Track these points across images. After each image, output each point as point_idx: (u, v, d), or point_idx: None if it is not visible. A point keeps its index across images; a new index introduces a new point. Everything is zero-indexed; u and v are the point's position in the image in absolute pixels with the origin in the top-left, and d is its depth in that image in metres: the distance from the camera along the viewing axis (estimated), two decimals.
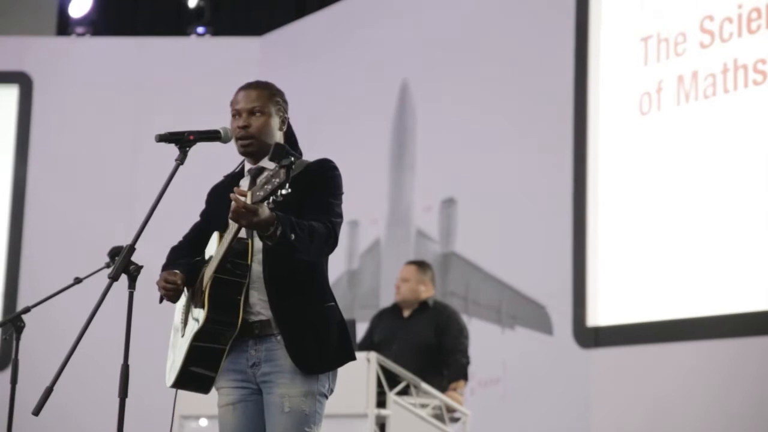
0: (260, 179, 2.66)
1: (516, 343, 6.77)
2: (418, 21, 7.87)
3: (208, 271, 2.90)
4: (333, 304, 3.02)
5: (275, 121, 3.07)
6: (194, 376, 2.94)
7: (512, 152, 6.98)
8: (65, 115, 9.00)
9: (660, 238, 5.94)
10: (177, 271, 2.96)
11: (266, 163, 3.04)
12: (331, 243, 2.93)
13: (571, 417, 6.30)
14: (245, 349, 2.96)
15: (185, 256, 3.07)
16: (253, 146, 3.03)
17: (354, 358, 3.03)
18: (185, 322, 3.00)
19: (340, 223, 2.97)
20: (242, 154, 3.08)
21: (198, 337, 2.88)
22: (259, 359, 2.95)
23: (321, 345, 2.94)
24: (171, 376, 2.99)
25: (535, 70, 6.93)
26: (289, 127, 3.17)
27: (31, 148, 8.91)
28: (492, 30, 7.30)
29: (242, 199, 2.66)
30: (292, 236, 2.77)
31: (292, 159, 2.62)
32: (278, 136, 3.08)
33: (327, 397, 2.99)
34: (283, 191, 2.60)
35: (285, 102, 3.12)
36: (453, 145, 7.41)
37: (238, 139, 3.04)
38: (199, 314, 2.89)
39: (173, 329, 3.10)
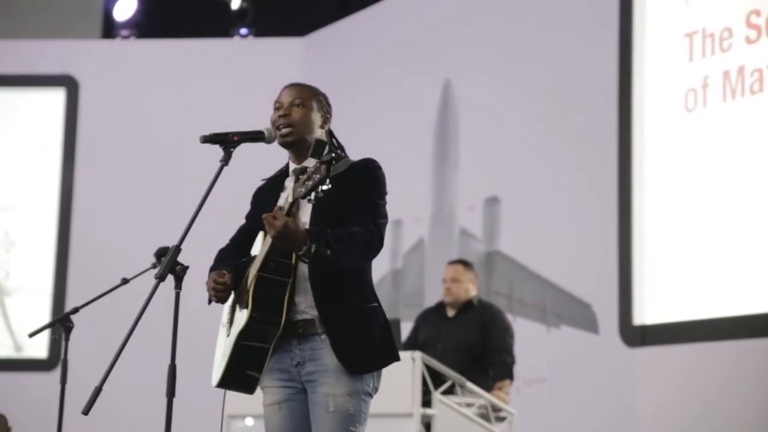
0: (302, 177, 2.69)
1: (561, 342, 6.73)
2: (460, 20, 7.86)
3: (252, 271, 2.91)
4: (377, 304, 3.02)
5: (316, 116, 3.08)
6: (239, 375, 2.95)
7: (556, 150, 6.95)
8: (111, 118, 9.09)
9: (706, 235, 5.88)
10: (225, 272, 2.98)
11: (310, 162, 3.05)
12: (376, 246, 2.93)
13: (618, 416, 6.26)
14: (289, 349, 2.97)
15: (232, 258, 3.09)
16: (292, 135, 3.04)
17: (398, 359, 3.03)
18: (231, 322, 3.01)
19: (384, 224, 2.98)
20: (282, 145, 3.08)
21: (242, 336, 2.88)
22: (304, 358, 2.95)
23: (366, 345, 2.94)
24: (216, 375, 3.00)
25: (578, 67, 6.88)
26: (333, 134, 3.18)
27: (78, 150, 9.00)
28: (535, 28, 7.27)
29: (278, 222, 2.72)
30: (328, 252, 2.79)
31: (333, 155, 2.64)
32: (319, 133, 3.09)
33: (372, 396, 2.98)
34: (324, 187, 2.62)
35: (328, 104, 3.14)
36: (496, 144, 7.38)
37: (278, 129, 3.05)
38: (244, 314, 2.90)
39: (221, 329, 3.13)
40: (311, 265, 2.86)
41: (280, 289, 2.90)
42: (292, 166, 3.11)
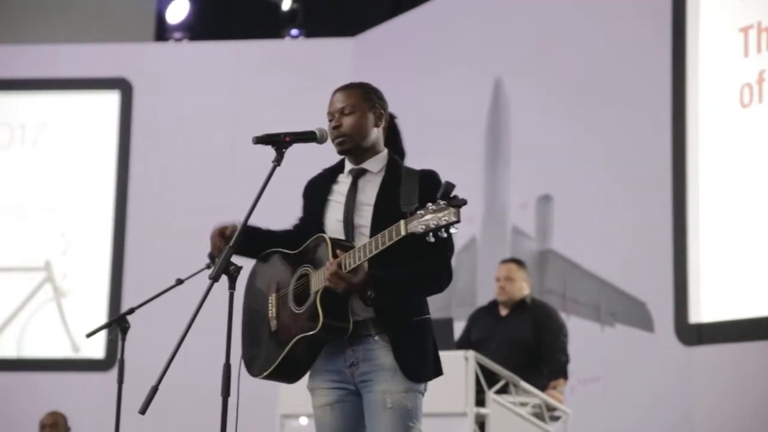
0: (421, 212, 2.71)
1: (616, 341, 6.68)
2: (511, 17, 7.82)
3: (317, 277, 2.93)
4: (429, 316, 3.05)
5: (368, 119, 3.08)
6: (287, 371, 3.02)
7: (609, 146, 6.89)
8: (164, 120, 9.17)
9: (762, 231, 5.80)
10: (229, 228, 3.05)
11: (369, 165, 3.07)
12: (443, 283, 2.97)
13: (674, 416, 6.19)
14: (342, 350, 3.00)
15: (278, 240, 3.15)
16: (346, 144, 3.07)
17: (441, 374, 3.05)
18: (277, 316, 3.02)
19: (451, 255, 2.99)
20: (340, 153, 3.12)
21: (308, 339, 2.92)
22: (357, 359, 2.98)
23: (421, 353, 2.98)
24: (261, 367, 3.03)
25: (631, 63, 6.83)
26: (392, 125, 3.17)
27: (132, 152, 9.09)
28: (587, 24, 7.22)
29: (332, 264, 2.81)
30: (386, 298, 2.88)
31: (464, 201, 2.69)
32: (374, 134, 3.09)
33: (423, 395, 3.01)
34: (453, 230, 2.69)
35: (381, 99, 3.13)
36: (548, 142, 7.34)
37: (333, 140, 3.08)
38: (306, 316, 2.92)
39: (250, 317, 3.13)
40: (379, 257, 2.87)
41: (343, 297, 2.93)
42: (349, 165, 3.12)
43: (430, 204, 2.72)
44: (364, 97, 3.10)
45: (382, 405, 2.93)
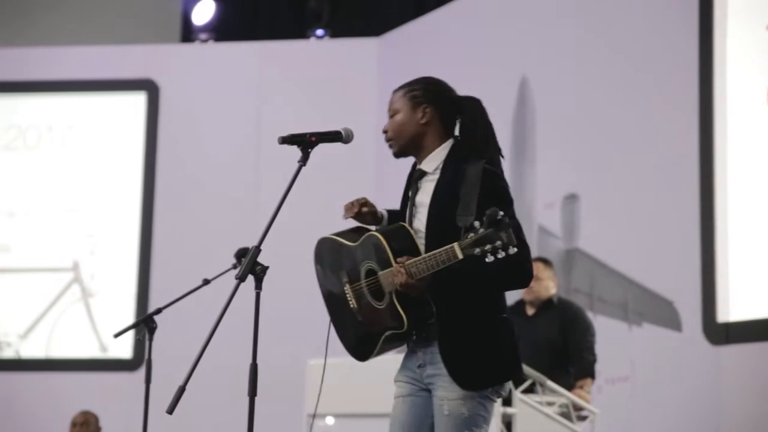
0: (472, 236, 2.69)
1: (643, 340, 6.65)
2: (536, 16, 7.80)
3: (386, 277, 2.97)
4: (505, 315, 3.02)
5: (411, 118, 3.08)
6: (389, 351, 3.10)
7: (635, 145, 6.86)
8: (191, 120, 9.21)
9: None
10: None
11: (426, 165, 3.07)
12: (524, 279, 2.93)
13: (702, 415, 6.16)
14: (415, 350, 3.06)
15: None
16: (393, 147, 3.11)
17: (519, 372, 3.06)
18: (359, 308, 3.06)
19: (527, 254, 2.91)
20: (394, 156, 3.15)
21: (397, 336, 2.99)
22: (425, 361, 3.02)
23: (481, 360, 2.95)
24: (361, 355, 3.10)
25: (657, 61, 6.79)
26: (449, 113, 3.13)
27: (159, 153, 9.14)
28: (612, 22, 7.19)
29: (402, 275, 2.85)
30: (448, 293, 2.91)
31: (509, 225, 2.67)
32: (421, 132, 3.08)
33: (493, 400, 2.99)
34: (510, 251, 2.66)
35: (426, 91, 3.12)
36: (574, 141, 7.32)
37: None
38: (388, 313, 2.97)
39: (331, 303, 3.18)
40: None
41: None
42: (418, 166, 3.13)
43: (480, 227, 2.70)
44: (406, 95, 3.11)
45: (440, 411, 2.96)
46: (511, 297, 6.67)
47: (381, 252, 2.97)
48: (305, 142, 3.04)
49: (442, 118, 3.11)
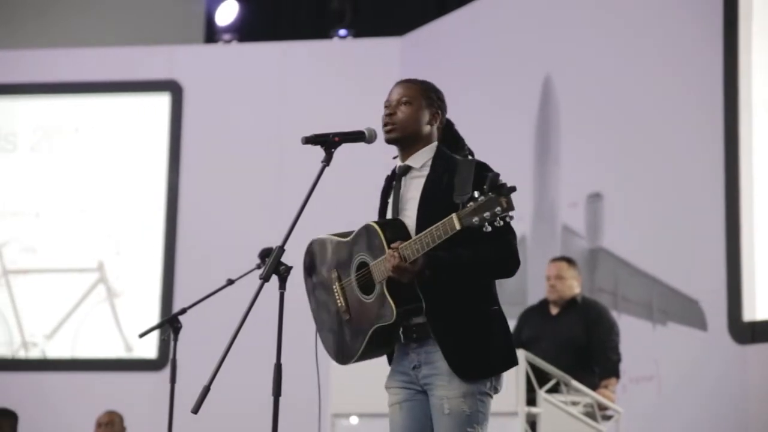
0: (471, 204, 2.71)
1: (668, 340, 6.62)
2: (559, 14, 7.78)
3: (377, 267, 2.94)
4: (497, 308, 3.02)
5: (423, 114, 3.08)
6: (373, 353, 3.06)
7: (659, 143, 6.83)
8: (215, 121, 9.24)
9: None
10: None
11: (413, 160, 3.07)
12: (510, 263, 2.96)
13: (728, 415, 6.12)
14: (408, 352, 3.02)
15: None
16: (394, 133, 3.06)
17: (516, 364, 3.05)
18: (348, 306, 3.03)
19: (514, 240, 2.96)
20: (387, 142, 3.11)
21: (386, 327, 2.94)
22: (420, 362, 2.99)
23: (481, 351, 2.95)
24: (346, 356, 3.06)
25: (682, 60, 6.75)
26: (450, 127, 3.16)
27: (183, 154, 9.17)
28: (637, 21, 7.16)
29: (395, 257, 2.82)
30: (445, 276, 2.88)
31: (513, 188, 2.69)
32: (426, 129, 3.08)
33: (491, 396, 2.99)
34: (509, 218, 2.69)
35: (440, 99, 3.13)
36: (597, 139, 7.29)
37: (383, 128, 3.08)
38: (377, 305, 2.93)
39: (317, 307, 3.15)
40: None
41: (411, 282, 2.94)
42: (399, 163, 3.12)
43: (480, 195, 2.71)
44: (423, 93, 3.10)
45: (440, 410, 2.94)
46: (536, 296, 6.68)
47: (374, 242, 2.96)
48: (328, 142, 3.05)
49: (440, 126, 3.13)
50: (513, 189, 2.68)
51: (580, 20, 7.60)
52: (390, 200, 3.10)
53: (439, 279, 2.88)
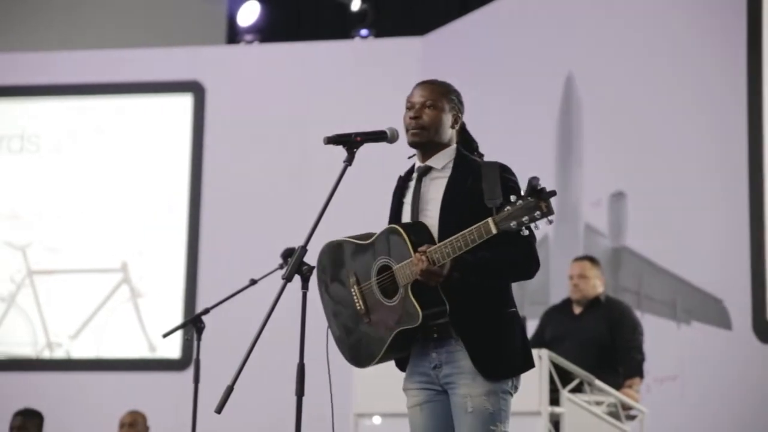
0: (509, 209, 2.73)
1: (693, 339, 6.59)
2: (581, 13, 7.75)
3: (402, 270, 2.93)
4: (515, 309, 3.04)
5: (447, 118, 3.09)
6: (393, 356, 3.07)
7: (682, 142, 6.80)
8: (237, 121, 9.26)
9: None
10: None
11: (434, 161, 3.07)
12: (532, 265, 2.97)
13: (752, 414, 6.09)
14: (427, 352, 3.02)
15: None
16: (421, 136, 3.06)
17: (533, 366, 3.05)
18: (367, 310, 3.03)
19: (534, 242, 2.97)
20: (411, 144, 3.11)
21: (408, 331, 2.94)
22: (441, 361, 3.00)
23: (503, 351, 2.97)
24: (366, 360, 3.05)
25: (705, 57, 6.72)
26: (464, 129, 3.17)
27: (205, 154, 9.19)
28: (660, 20, 7.13)
29: (423, 261, 2.83)
30: (472, 280, 2.90)
31: (553, 192, 2.73)
32: (449, 134, 3.10)
33: (512, 395, 3.01)
34: (547, 220, 2.72)
35: (460, 103, 3.14)
36: (620, 138, 7.26)
37: (408, 129, 3.08)
38: (400, 309, 2.93)
39: (334, 310, 3.14)
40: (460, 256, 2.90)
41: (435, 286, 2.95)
42: (417, 164, 3.12)
43: (518, 199, 2.73)
44: (446, 96, 3.11)
45: (463, 409, 2.95)
46: (558, 296, 6.66)
47: (399, 245, 2.95)
48: (350, 142, 3.06)
49: (460, 129, 3.14)
50: (553, 193, 2.71)
51: (601, 18, 7.57)
52: (406, 200, 3.10)
53: (465, 282, 2.87)
